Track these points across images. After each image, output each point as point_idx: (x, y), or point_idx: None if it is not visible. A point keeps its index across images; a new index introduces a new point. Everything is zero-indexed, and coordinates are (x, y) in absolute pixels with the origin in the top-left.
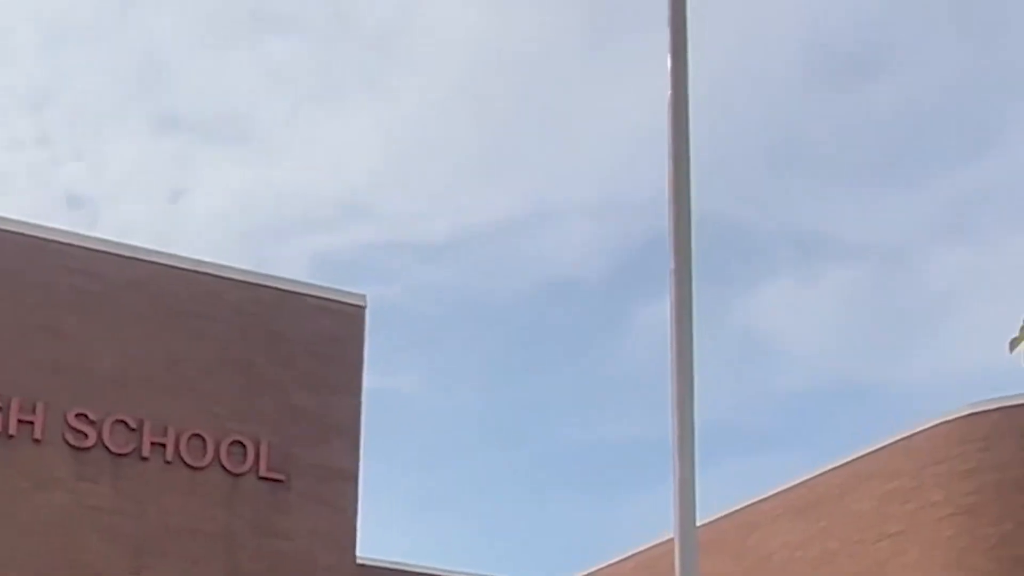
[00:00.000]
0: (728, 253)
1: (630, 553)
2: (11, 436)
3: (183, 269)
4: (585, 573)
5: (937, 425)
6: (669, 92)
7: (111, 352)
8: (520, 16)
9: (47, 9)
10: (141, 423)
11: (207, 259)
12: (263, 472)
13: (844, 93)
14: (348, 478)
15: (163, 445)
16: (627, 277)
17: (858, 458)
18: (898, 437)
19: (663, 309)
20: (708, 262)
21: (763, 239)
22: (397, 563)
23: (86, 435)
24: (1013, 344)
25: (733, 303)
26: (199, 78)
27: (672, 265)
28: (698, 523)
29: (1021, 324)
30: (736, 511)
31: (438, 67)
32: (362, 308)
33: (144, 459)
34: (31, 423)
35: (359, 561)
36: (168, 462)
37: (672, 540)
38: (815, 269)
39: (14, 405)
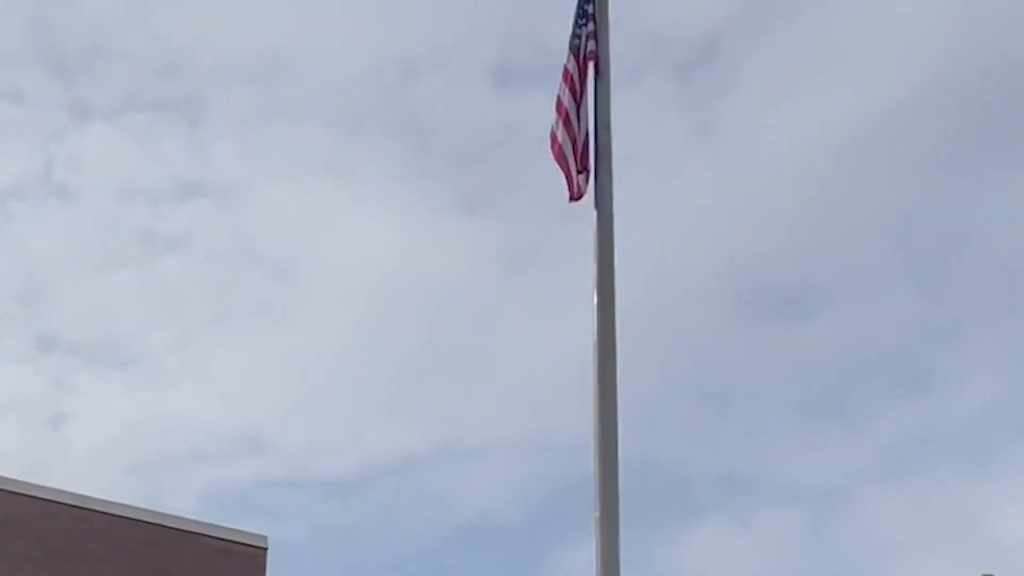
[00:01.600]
0: (655, 495)
1: None
2: None
3: (66, 504)
4: None
5: None
6: (595, 329)
7: None
8: (432, 244)
9: None
10: None
11: (92, 493)
12: None
13: (776, 330)
14: None
15: None
16: (548, 520)
17: None
18: None
19: (588, 554)
20: (634, 505)
21: (692, 481)
22: None
23: None
24: None
25: (661, 548)
26: (83, 299)
27: (597, 513)
28: None
29: None
30: None
31: (344, 295)
32: (263, 550)
33: None
34: None
35: None
36: None
37: None
38: (748, 512)
39: None
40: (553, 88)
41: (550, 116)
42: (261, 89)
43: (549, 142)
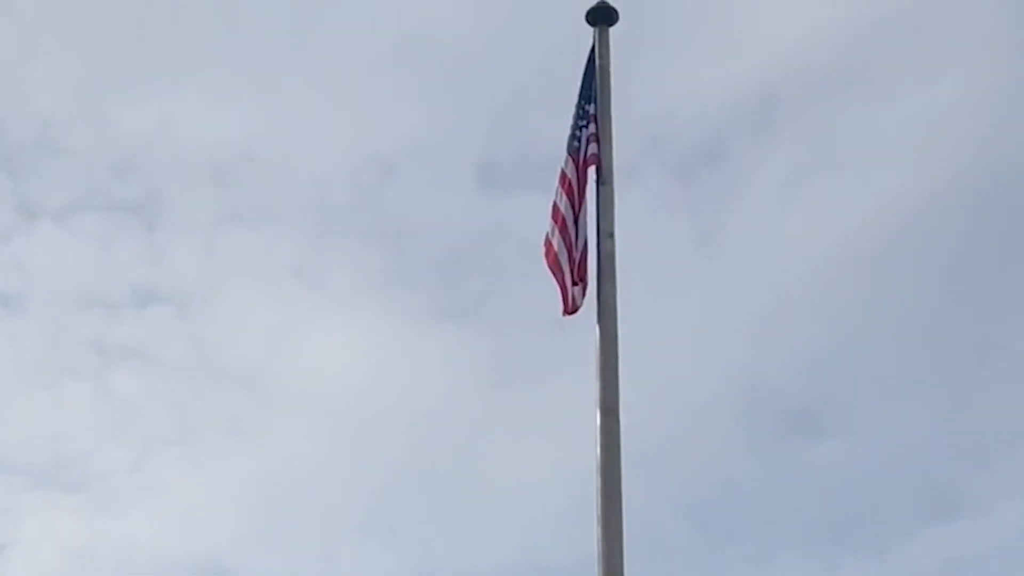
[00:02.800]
0: None
1: None
2: None
3: None
4: None
5: None
6: (598, 451)
7: None
8: (411, 356)
9: None
10: None
11: None
12: None
13: (789, 449)
14: None
15: None
16: None
17: None
18: None
19: None
20: None
21: None
22: None
23: None
24: None
25: None
26: (30, 415)
27: None
28: None
29: None
30: None
31: (315, 412)
32: None
33: None
34: None
35: None
36: None
37: None
38: None
39: None
40: (543, 188)
41: (539, 218)
42: (225, 189)
43: (544, 250)
